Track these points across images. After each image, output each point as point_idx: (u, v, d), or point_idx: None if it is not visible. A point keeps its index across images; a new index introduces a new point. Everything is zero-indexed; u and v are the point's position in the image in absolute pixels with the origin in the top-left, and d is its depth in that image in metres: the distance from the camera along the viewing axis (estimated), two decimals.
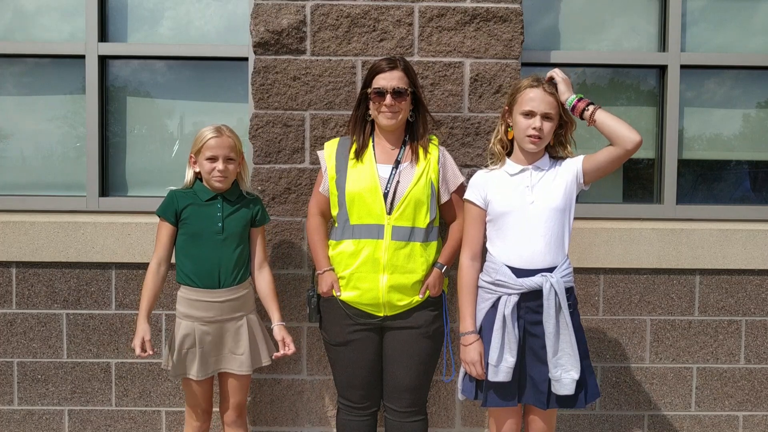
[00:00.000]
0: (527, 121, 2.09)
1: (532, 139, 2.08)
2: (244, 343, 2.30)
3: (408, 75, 2.24)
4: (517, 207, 2.11)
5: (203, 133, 2.27)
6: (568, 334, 2.04)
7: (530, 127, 2.07)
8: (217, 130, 2.27)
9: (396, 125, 2.25)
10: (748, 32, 3.04)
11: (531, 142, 2.09)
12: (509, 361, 2.06)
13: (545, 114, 2.08)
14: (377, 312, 2.25)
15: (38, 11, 2.98)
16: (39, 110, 3.01)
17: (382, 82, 2.21)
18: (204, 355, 2.26)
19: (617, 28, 3.02)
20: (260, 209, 2.39)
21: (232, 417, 2.37)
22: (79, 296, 2.80)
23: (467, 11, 2.67)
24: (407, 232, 2.21)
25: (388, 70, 2.22)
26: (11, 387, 2.83)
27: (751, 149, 3.08)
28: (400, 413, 2.32)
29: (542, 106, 2.07)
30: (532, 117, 2.08)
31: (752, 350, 2.86)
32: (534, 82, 2.11)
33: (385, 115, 2.23)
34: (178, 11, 2.98)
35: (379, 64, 2.24)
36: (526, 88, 2.11)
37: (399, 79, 2.21)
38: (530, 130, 2.07)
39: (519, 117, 2.11)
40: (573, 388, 2.04)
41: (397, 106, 2.21)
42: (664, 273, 2.83)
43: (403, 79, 2.22)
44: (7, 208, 2.92)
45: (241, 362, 2.29)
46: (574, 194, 2.14)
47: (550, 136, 2.12)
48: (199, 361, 2.25)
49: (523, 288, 2.06)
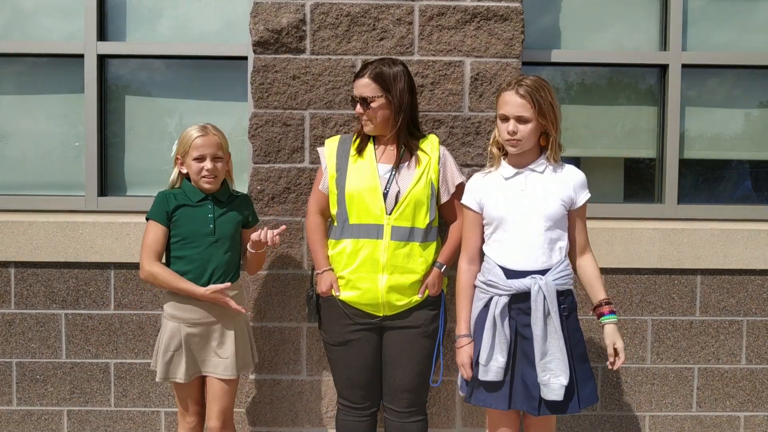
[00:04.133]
0: (503, 124, 2.09)
1: (510, 142, 2.08)
2: (230, 347, 2.26)
3: (378, 81, 2.21)
4: (511, 210, 2.10)
5: (189, 132, 2.25)
6: (557, 338, 2.02)
7: (505, 130, 2.08)
8: (203, 129, 2.25)
9: (376, 130, 2.26)
10: (749, 31, 3.03)
11: (510, 144, 2.09)
12: (500, 361, 2.05)
13: (518, 117, 2.05)
14: (376, 312, 2.25)
15: (37, 10, 2.97)
16: (38, 110, 3.00)
17: (354, 90, 2.26)
18: (190, 357, 2.24)
19: (618, 26, 3.01)
20: (252, 210, 2.39)
21: (215, 423, 2.26)
22: (78, 296, 2.79)
23: (468, 10, 2.66)
24: (407, 232, 2.21)
25: (358, 78, 2.25)
26: (10, 387, 2.82)
27: (752, 149, 3.07)
28: (400, 413, 2.31)
29: (514, 110, 2.05)
30: (507, 120, 2.07)
31: (754, 350, 2.85)
32: (511, 83, 2.09)
33: (360, 120, 2.26)
34: (178, 10, 2.97)
35: (358, 70, 2.27)
36: (503, 91, 2.11)
37: (364, 86, 2.21)
38: (506, 134, 2.08)
39: (498, 121, 2.12)
40: (561, 394, 2.01)
41: (367, 114, 2.22)
42: (665, 273, 2.82)
43: (369, 86, 2.21)
44: (6, 208, 2.91)
45: (226, 366, 2.25)
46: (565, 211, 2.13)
47: (530, 138, 2.08)
48: (185, 364, 2.22)
49: (512, 290, 2.05)
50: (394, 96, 2.22)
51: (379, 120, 2.24)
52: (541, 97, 2.05)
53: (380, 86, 2.22)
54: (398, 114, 2.24)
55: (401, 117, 2.24)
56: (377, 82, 2.22)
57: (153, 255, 2.23)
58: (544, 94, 2.07)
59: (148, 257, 2.23)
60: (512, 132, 2.06)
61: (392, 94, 2.22)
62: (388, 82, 2.22)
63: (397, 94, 2.22)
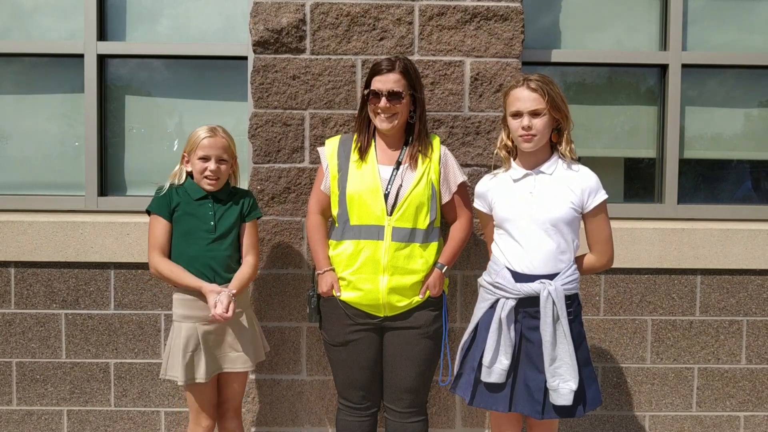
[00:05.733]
0: (516, 122, 2.08)
1: (524, 138, 2.07)
2: (246, 339, 2.29)
3: (407, 77, 2.20)
4: (519, 213, 2.09)
5: (197, 132, 2.27)
6: (566, 344, 2.02)
7: (519, 126, 2.07)
8: (212, 130, 2.27)
9: (393, 129, 2.23)
10: (749, 31, 3.03)
11: (525, 140, 2.08)
12: (504, 363, 2.04)
13: (532, 111, 2.05)
14: (377, 312, 2.24)
15: (37, 10, 2.97)
16: (37, 109, 3.00)
17: (378, 84, 2.19)
18: (209, 355, 2.24)
19: (618, 26, 3.01)
20: (252, 203, 2.37)
21: (230, 414, 2.38)
22: (78, 296, 2.79)
23: (468, 10, 2.66)
24: (407, 233, 2.20)
25: (385, 72, 2.19)
26: (10, 387, 2.82)
27: (752, 149, 3.07)
28: (401, 414, 2.31)
29: (527, 104, 2.05)
30: (520, 117, 2.07)
31: (753, 350, 2.86)
32: (519, 81, 2.10)
33: (380, 118, 2.22)
34: (177, 10, 2.97)
35: (379, 64, 2.22)
36: (512, 90, 2.11)
37: (395, 82, 2.18)
38: (520, 130, 2.07)
39: (510, 119, 2.12)
40: (571, 399, 2.00)
41: (392, 108, 2.19)
42: (665, 273, 2.82)
43: (399, 81, 2.19)
44: (6, 208, 2.91)
45: (245, 359, 2.29)
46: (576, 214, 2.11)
47: (545, 132, 2.09)
48: (204, 362, 2.23)
49: (521, 293, 2.04)
50: (418, 92, 2.23)
51: (402, 117, 2.23)
52: (551, 90, 2.07)
53: (408, 82, 2.21)
54: (419, 111, 2.25)
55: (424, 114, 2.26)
56: (406, 78, 2.20)
57: (158, 250, 2.24)
58: (554, 87, 2.09)
59: (155, 253, 2.24)
60: (527, 127, 2.05)
61: (416, 90, 2.23)
62: (415, 79, 2.23)
63: (420, 91, 2.25)
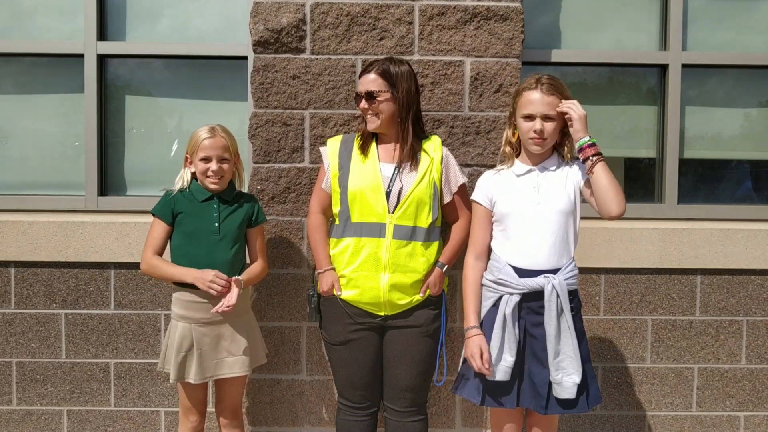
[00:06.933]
0: (528, 124, 2.09)
1: (534, 141, 2.09)
2: (243, 343, 2.29)
3: (385, 77, 2.23)
4: (523, 208, 2.10)
5: (197, 133, 2.28)
6: (570, 337, 2.03)
7: (531, 129, 2.08)
8: (211, 130, 2.28)
9: (381, 128, 2.26)
10: (749, 30, 3.03)
11: (534, 143, 2.10)
12: (508, 361, 2.05)
13: (545, 116, 2.07)
14: (378, 311, 2.24)
15: (37, 10, 2.97)
16: (37, 109, 3.00)
17: (360, 86, 2.26)
18: (202, 358, 2.24)
19: (618, 26, 3.01)
20: (257, 209, 2.39)
21: (229, 417, 2.38)
22: (78, 296, 2.79)
23: (468, 9, 2.66)
24: (409, 231, 2.21)
25: (365, 74, 2.26)
26: (10, 387, 2.82)
27: (752, 148, 3.07)
28: (401, 413, 2.31)
29: (541, 108, 2.07)
30: (532, 120, 2.08)
31: (754, 350, 2.86)
32: (533, 84, 2.10)
33: (367, 118, 2.26)
34: (177, 10, 2.97)
35: (364, 67, 2.29)
36: (525, 91, 2.11)
37: (371, 82, 2.23)
38: (531, 133, 2.08)
39: (521, 120, 2.12)
40: (574, 392, 2.02)
41: (371, 108, 2.23)
42: (665, 273, 2.82)
43: (376, 81, 2.22)
44: (6, 208, 2.91)
45: (242, 362, 2.28)
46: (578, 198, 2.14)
47: (554, 136, 2.12)
48: (197, 364, 2.23)
49: (525, 288, 2.06)
50: (399, 92, 2.23)
51: (384, 116, 2.24)
52: (564, 94, 2.09)
53: (386, 82, 2.23)
54: (402, 111, 2.25)
55: (408, 114, 2.25)
56: (384, 78, 2.23)
57: (152, 249, 2.28)
58: (566, 91, 2.11)
59: (148, 251, 2.28)
60: (539, 131, 2.07)
61: (397, 90, 2.23)
62: (394, 78, 2.24)
63: (403, 91, 2.24)
